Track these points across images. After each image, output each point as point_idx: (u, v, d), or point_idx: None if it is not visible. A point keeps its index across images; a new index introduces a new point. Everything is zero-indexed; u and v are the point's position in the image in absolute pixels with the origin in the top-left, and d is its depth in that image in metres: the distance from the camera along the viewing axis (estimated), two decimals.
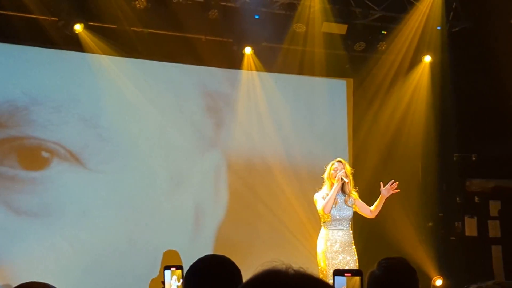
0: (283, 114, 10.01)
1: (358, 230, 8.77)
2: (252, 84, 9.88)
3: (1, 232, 8.22)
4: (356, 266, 6.98)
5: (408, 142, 10.14)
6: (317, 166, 7.65)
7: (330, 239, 7.01)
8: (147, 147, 9.20)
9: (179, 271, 3.24)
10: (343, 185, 7.08)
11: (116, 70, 9.04)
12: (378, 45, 10.04)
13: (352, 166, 7.61)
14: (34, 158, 8.56)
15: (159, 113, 9.30)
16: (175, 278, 3.25)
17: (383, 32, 10.04)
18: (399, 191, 7.23)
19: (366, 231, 9.04)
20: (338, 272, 3.12)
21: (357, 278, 3.07)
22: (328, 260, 6.95)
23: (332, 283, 3.07)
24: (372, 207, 7.19)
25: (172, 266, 3.29)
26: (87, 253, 8.56)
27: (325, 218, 7.04)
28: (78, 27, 8.56)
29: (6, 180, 8.35)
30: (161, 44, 9.21)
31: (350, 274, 3.09)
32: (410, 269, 3.42)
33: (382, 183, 7.17)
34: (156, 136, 9.29)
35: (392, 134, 10.19)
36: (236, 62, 9.69)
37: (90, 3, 8.61)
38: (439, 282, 9.97)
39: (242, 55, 9.62)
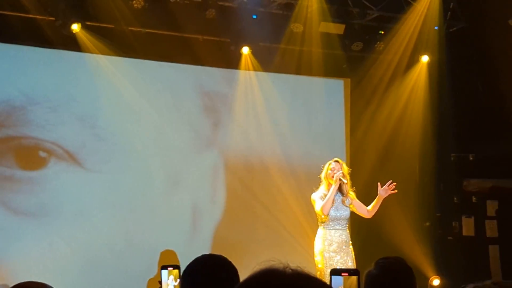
0: (280, 114, 10.01)
1: (356, 230, 8.79)
2: (249, 84, 9.88)
3: None
4: (353, 265, 6.98)
5: (405, 142, 10.15)
6: (314, 165, 7.64)
7: (327, 239, 7.01)
8: (144, 147, 9.20)
9: (176, 270, 3.24)
10: (341, 185, 7.08)
11: (113, 70, 9.03)
12: (376, 45, 10.04)
13: (350, 166, 7.61)
14: (32, 158, 8.55)
15: (157, 113, 9.29)
16: (172, 278, 3.24)
17: (380, 32, 10.04)
18: (396, 192, 7.24)
19: (363, 231, 9.04)
20: (335, 272, 3.12)
21: (354, 278, 3.07)
22: (325, 259, 6.95)
23: (329, 283, 3.07)
24: (369, 207, 7.19)
25: (169, 266, 3.29)
26: (84, 253, 8.55)
27: (322, 218, 7.04)
28: (76, 27, 8.55)
29: (3, 180, 8.35)
30: (158, 44, 9.20)
31: (347, 274, 3.08)
32: (407, 268, 3.42)
33: (379, 184, 7.17)
34: (153, 136, 9.29)
35: (389, 134, 10.19)
36: (233, 62, 9.69)
37: (87, 2, 8.61)
38: (436, 282, 9.98)
39: (239, 55, 9.62)
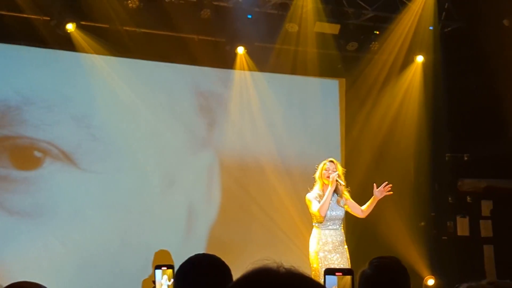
0: (275, 114, 10.01)
1: (350, 229, 8.79)
2: (244, 84, 9.88)
3: None
4: (348, 265, 6.98)
5: (400, 142, 10.16)
6: (309, 165, 7.64)
7: (322, 239, 7.01)
8: (139, 147, 9.19)
9: (170, 270, 3.24)
10: (336, 185, 7.07)
11: (108, 70, 9.02)
12: (371, 45, 10.05)
13: (345, 165, 7.61)
14: (27, 157, 8.54)
15: (152, 113, 9.29)
16: (166, 278, 3.24)
17: (375, 32, 10.06)
18: (392, 193, 7.24)
19: (358, 230, 9.05)
20: (329, 271, 3.12)
21: (348, 277, 3.07)
22: (320, 259, 6.95)
23: (323, 283, 3.08)
24: (363, 207, 7.18)
25: (163, 266, 3.29)
26: (79, 253, 8.55)
27: (317, 218, 7.03)
28: (70, 27, 8.54)
29: None
30: (153, 43, 9.20)
31: (341, 273, 3.09)
32: (402, 268, 3.42)
33: (375, 185, 7.16)
34: (148, 136, 9.28)
35: (384, 134, 10.20)
36: (228, 62, 9.69)
37: (82, 2, 8.59)
38: (431, 281, 9.99)
39: (234, 54, 9.62)
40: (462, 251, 10.35)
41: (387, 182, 7.16)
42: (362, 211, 7.18)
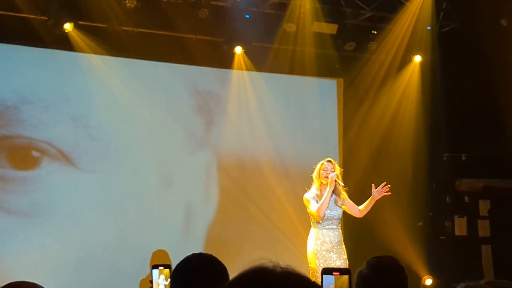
0: (273, 114, 10.01)
1: (348, 229, 8.80)
2: (242, 84, 9.88)
3: None
4: (346, 265, 6.98)
5: (398, 142, 10.16)
6: (307, 165, 7.63)
7: (320, 239, 7.00)
8: (137, 147, 9.19)
9: (167, 270, 3.24)
10: (335, 185, 7.06)
11: (106, 70, 9.01)
12: (369, 44, 10.06)
13: (342, 165, 7.62)
14: (25, 157, 8.54)
15: (150, 112, 9.28)
16: (163, 277, 3.24)
17: (373, 32, 10.06)
18: (390, 194, 7.23)
19: (356, 230, 9.05)
20: (326, 271, 3.12)
21: (345, 277, 3.07)
22: (318, 259, 6.94)
23: (321, 282, 3.08)
24: (361, 207, 7.17)
25: (160, 265, 3.29)
26: (77, 252, 8.54)
27: (315, 218, 7.02)
28: (68, 26, 8.54)
29: None
30: (151, 43, 9.19)
31: (338, 273, 3.09)
32: (399, 267, 3.41)
33: (374, 185, 7.15)
34: (146, 136, 9.28)
35: (382, 134, 10.20)
36: (226, 62, 9.68)
37: (79, 2, 8.58)
38: (429, 281, 9.99)
39: (232, 54, 9.62)
40: (460, 251, 10.35)
41: (385, 183, 7.15)
42: (359, 211, 7.17)
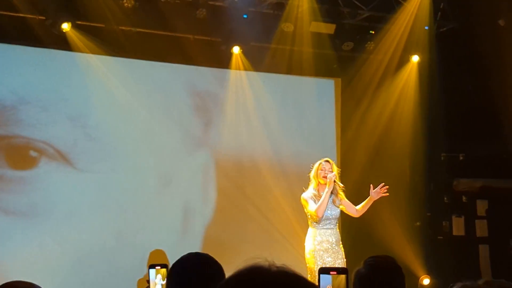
0: (271, 114, 10.01)
1: (346, 229, 8.79)
2: (240, 84, 9.87)
3: None
4: (343, 265, 6.97)
5: (396, 142, 10.15)
6: (305, 165, 7.62)
7: (318, 238, 6.99)
8: (135, 147, 9.19)
9: (163, 269, 3.24)
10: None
11: (104, 70, 9.01)
12: (366, 44, 10.06)
13: (340, 165, 7.61)
14: (22, 157, 8.53)
15: (148, 112, 9.28)
16: (160, 277, 3.25)
17: (371, 32, 10.06)
18: (388, 195, 7.22)
19: (353, 230, 9.05)
20: (323, 270, 3.11)
21: (342, 277, 3.07)
22: (316, 259, 6.94)
23: (318, 281, 3.08)
24: (358, 207, 7.16)
25: (157, 265, 3.29)
26: (75, 252, 8.54)
27: (313, 218, 7.02)
28: (66, 26, 8.53)
29: None
30: (149, 43, 9.19)
31: (335, 272, 3.08)
32: (396, 266, 3.41)
33: (372, 185, 7.14)
34: (144, 136, 9.28)
35: (380, 134, 10.20)
36: (224, 62, 9.68)
37: (77, 2, 8.57)
38: (426, 281, 10.00)
39: (230, 54, 9.62)
40: (457, 250, 10.36)
41: (384, 184, 7.14)
42: (357, 210, 7.17)
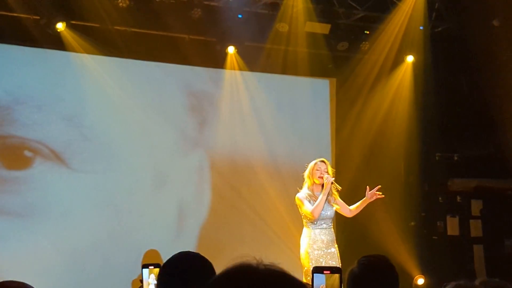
0: (266, 114, 10.01)
1: (341, 229, 8.80)
2: (235, 84, 9.87)
3: None
4: (338, 265, 6.97)
5: (390, 142, 10.16)
6: (300, 165, 7.62)
7: (313, 238, 6.99)
8: (130, 147, 9.18)
9: (157, 269, 3.22)
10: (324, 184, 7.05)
11: (99, 69, 9.00)
12: (361, 45, 10.07)
13: (335, 165, 7.62)
14: (17, 157, 8.52)
15: (143, 112, 9.27)
16: (153, 277, 3.24)
17: (366, 32, 10.07)
18: (383, 197, 7.21)
19: (348, 230, 9.05)
20: (317, 270, 3.11)
21: (336, 276, 3.06)
22: (311, 259, 6.93)
23: (312, 281, 3.08)
24: (352, 207, 7.16)
25: (150, 265, 3.29)
26: (69, 252, 8.53)
27: (309, 218, 7.02)
28: (60, 26, 8.52)
29: None
30: (144, 43, 9.19)
31: (329, 272, 3.07)
32: (390, 266, 3.41)
33: (368, 187, 7.13)
34: (139, 136, 9.27)
35: (374, 134, 10.21)
36: (219, 62, 9.68)
37: (72, 1, 8.56)
38: (421, 281, 10.01)
39: (225, 54, 9.62)
40: (452, 250, 10.38)
41: (380, 186, 7.13)
42: (350, 211, 7.17)
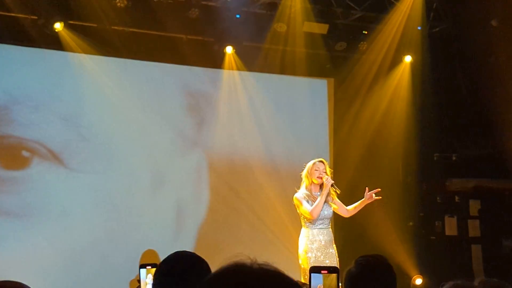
0: (264, 114, 10.00)
1: (339, 229, 8.79)
2: (233, 84, 9.87)
3: None
4: (337, 265, 6.97)
5: (388, 142, 10.16)
6: (298, 165, 7.61)
7: (311, 238, 6.98)
8: (128, 147, 9.17)
9: (154, 269, 3.23)
10: (322, 184, 7.04)
11: (97, 69, 9.00)
12: (359, 45, 10.07)
13: (333, 165, 7.62)
14: (15, 157, 8.51)
15: (141, 112, 9.27)
16: (151, 277, 3.24)
17: (364, 32, 10.07)
18: (380, 198, 7.20)
19: (346, 230, 9.05)
20: (314, 269, 3.11)
21: (333, 276, 3.06)
22: (309, 259, 6.93)
23: (309, 280, 3.08)
24: (349, 207, 7.15)
25: (148, 265, 3.29)
26: (67, 253, 8.52)
27: (307, 218, 7.01)
28: (58, 26, 8.51)
29: None
30: (142, 43, 9.18)
31: (326, 271, 3.08)
32: (387, 265, 3.40)
33: (367, 188, 7.11)
34: (137, 136, 9.26)
35: (372, 134, 10.21)
36: (217, 62, 9.67)
37: (70, 1, 8.56)
38: (419, 281, 10.01)
39: (223, 54, 9.62)
40: (450, 250, 10.38)
41: (379, 190, 7.11)
42: (347, 211, 7.16)
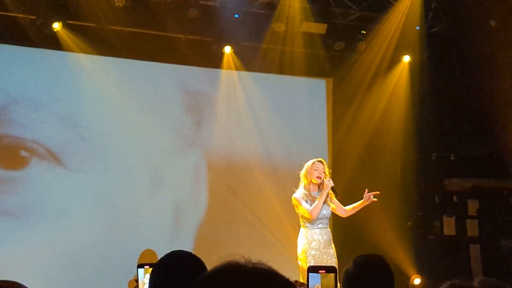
0: (263, 114, 10.01)
1: (337, 229, 8.79)
2: (232, 84, 9.87)
3: None
4: (335, 264, 6.97)
5: (387, 142, 10.17)
6: (296, 165, 7.60)
7: (310, 238, 6.98)
8: (127, 147, 9.17)
9: (152, 269, 3.24)
10: (321, 184, 7.04)
11: (95, 69, 8.99)
12: (358, 44, 10.07)
13: (332, 165, 7.62)
14: (13, 157, 8.50)
15: (139, 112, 9.27)
16: (148, 277, 3.24)
17: (362, 31, 10.07)
18: (377, 200, 7.19)
19: (345, 230, 9.05)
20: (312, 269, 3.11)
21: (331, 275, 3.06)
22: (308, 259, 6.93)
23: (307, 280, 3.08)
24: (348, 208, 7.15)
25: (146, 264, 3.29)
26: (66, 253, 8.52)
27: (306, 218, 7.00)
28: (57, 26, 8.51)
29: None
30: (140, 43, 9.18)
31: (324, 271, 3.08)
32: (385, 265, 3.41)
33: (367, 190, 7.11)
34: (136, 136, 9.26)
35: (371, 134, 10.21)
36: (216, 61, 9.68)
37: (68, 1, 8.56)
38: (417, 281, 10.01)
39: (221, 54, 9.62)
40: (448, 250, 10.38)
41: (378, 192, 7.10)
42: (345, 211, 7.16)
